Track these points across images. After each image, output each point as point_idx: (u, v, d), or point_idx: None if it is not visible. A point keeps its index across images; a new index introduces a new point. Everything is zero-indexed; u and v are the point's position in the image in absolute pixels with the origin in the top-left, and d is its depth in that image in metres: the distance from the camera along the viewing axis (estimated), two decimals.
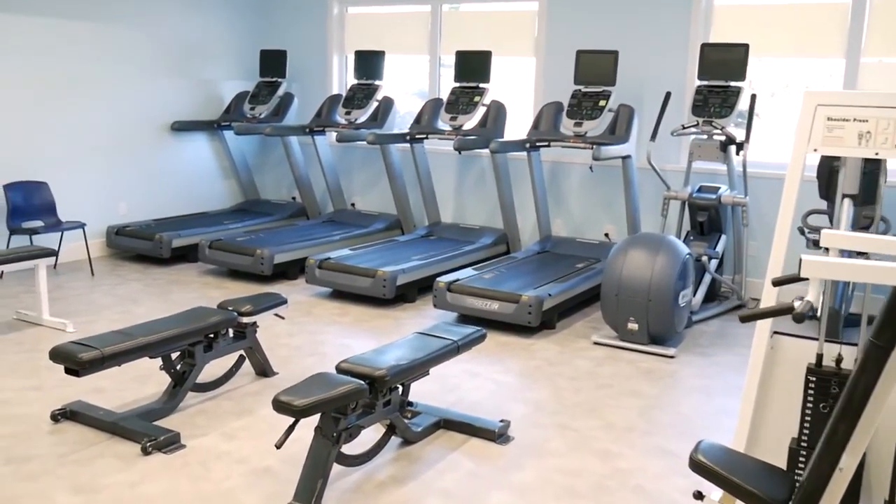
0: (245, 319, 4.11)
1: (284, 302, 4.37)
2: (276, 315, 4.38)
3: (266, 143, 8.94)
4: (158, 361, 4.14)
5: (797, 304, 2.21)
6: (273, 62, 8.22)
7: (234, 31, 8.47)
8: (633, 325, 5.04)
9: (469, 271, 5.88)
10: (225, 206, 8.58)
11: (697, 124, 6.08)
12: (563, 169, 7.31)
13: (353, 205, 8.48)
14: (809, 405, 2.75)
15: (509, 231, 7.15)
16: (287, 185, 8.84)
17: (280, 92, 8.09)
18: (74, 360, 3.28)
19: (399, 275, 5.83)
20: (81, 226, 6.54)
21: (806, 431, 2.76)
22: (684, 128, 6.13)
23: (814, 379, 2.71)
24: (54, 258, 5.20)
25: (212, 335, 3.96)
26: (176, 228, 7.21)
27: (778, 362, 2.97)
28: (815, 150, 2.72)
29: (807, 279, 2.24)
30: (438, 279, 5.56)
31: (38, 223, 6.53)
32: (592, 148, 6.29)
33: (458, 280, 5.58)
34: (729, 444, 2.66)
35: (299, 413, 2.85)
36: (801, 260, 2.10)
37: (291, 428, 2.99)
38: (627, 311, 5.02)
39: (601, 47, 6.90)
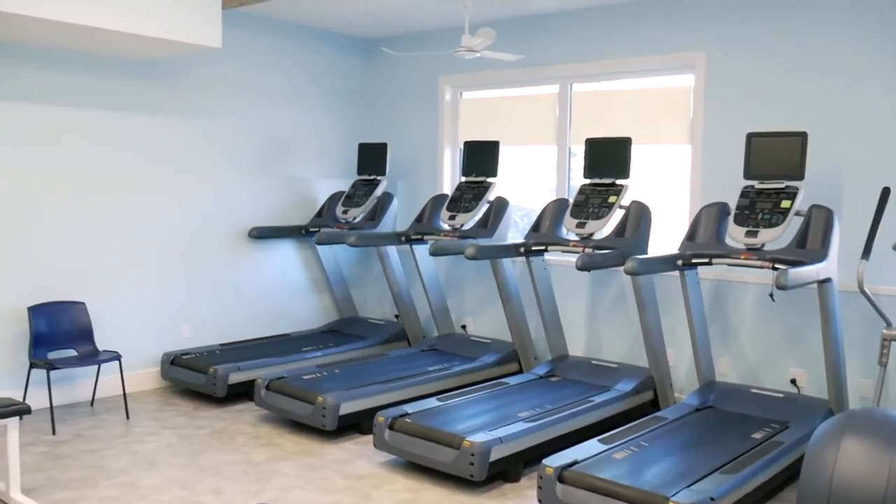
0: None
1: None
2: None
3: (365, 251, 7.63)
4: None
5: None
6: (372, 157, 6.95)
7: (331, 122, 7.31)
8: None
9: (594, 446, 4.11)
10: (315, 325, 7.26)
11: None
12: (730, 290, 5.47)
13: (464, 327, 6.93)
14: None
15: (657, 374, 5.33)
16: (391, 300, 7.43)
17: (378, 192, 6.78)
18: None
19: (494, 446, 4.16)
20: (117, 357, 5.34)
21: None
22: None
23: None
24: (28, 414, 3.96)
25: None
26: (240, 358, 5.90)
27: None
28: None
29: None
30: (547, 462, 3.84)
31: (70, 353, 5.40)
32: (773, 268, 4.48)
33: (574, 463, 3.84)
34: None
35: None
36: None
37: None
38: None
39: (781, 128, 5.13)
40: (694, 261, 4.79)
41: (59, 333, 5.39)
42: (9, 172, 5.28)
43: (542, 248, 5.54)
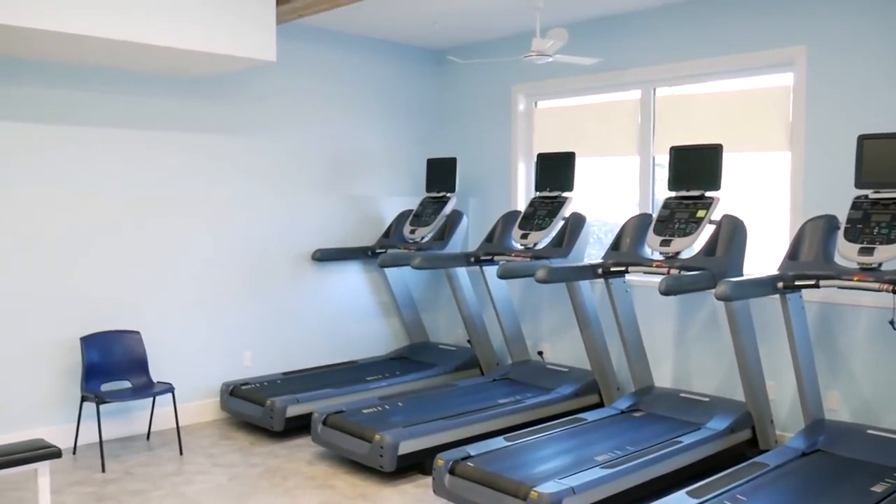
0: None
1: None
2: None
3: (435, 273, 7.22)
4: None
5: None
6: (441, 173, 6.56)
7: (397, 136, 6.96)
8: None
9: (682, 500, 3.57)
10: (383, 352, 6.89)
11: None
12: (839, 314, 4.81)
13: (540, 353, 6.43)
14: None
15: (755, 409, 4.72)
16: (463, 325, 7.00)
17: (447, 210, 6.37)
18: None
19: (565, 497, 3.65)
20: (170, 389, 5.08)
21: None
22: None
23: None
24: (58, 458, 3.69)
25: None
26: (301, 388, 5.58)
27: None
28: None
29: None
30: None
31: (124, 384, 5.17)
32: (893, 291, 3.84)
33: None
34: None
35: None
36: None
37: None
38: None
39: None
40: (798, 283, 4.19)
41: (112, 364, 5.18)
42: (61, 198, 5.11)
43: (622, 268, 5.01)
